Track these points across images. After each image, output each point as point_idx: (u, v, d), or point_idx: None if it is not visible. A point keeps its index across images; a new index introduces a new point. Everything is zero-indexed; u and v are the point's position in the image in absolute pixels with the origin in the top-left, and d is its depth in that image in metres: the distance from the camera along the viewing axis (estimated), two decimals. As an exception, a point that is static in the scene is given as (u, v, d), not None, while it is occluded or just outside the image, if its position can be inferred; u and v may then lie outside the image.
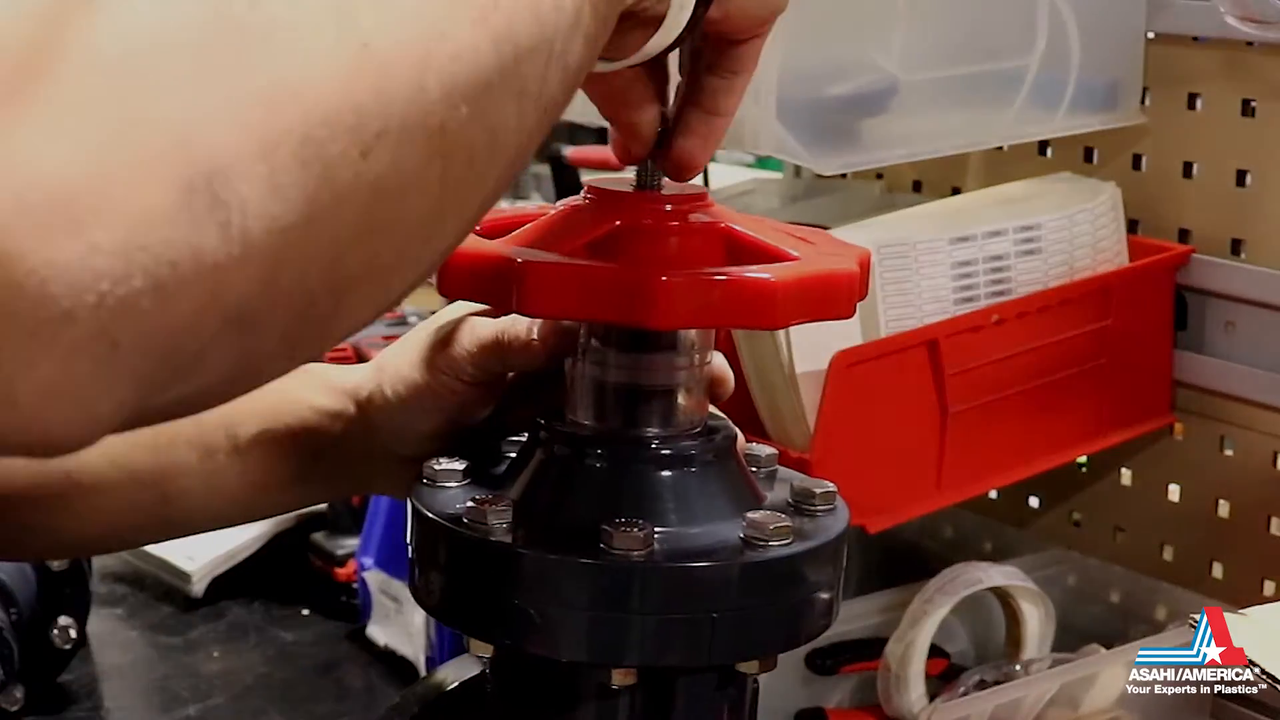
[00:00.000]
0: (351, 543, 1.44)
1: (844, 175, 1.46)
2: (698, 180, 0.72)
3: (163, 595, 1.49)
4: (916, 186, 1.47)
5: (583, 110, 0.64)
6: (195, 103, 0.38)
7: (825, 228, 1.18)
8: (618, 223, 0.64)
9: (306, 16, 0.40)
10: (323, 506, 1.47)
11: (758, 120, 1.09)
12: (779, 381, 1.11)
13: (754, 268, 0.62)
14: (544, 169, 2.06)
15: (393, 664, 1.35)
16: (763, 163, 2.07)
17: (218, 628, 1.43)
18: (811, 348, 1.09)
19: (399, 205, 0.43)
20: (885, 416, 1.14)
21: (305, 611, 1.46)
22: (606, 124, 0.67)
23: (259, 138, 0.38)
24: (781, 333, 1.09)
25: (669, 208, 0.65)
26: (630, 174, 0.67)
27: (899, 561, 1.39)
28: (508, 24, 0.44)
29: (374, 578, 1.37)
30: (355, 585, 1.40)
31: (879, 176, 1.49)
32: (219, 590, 1.48)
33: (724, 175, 2.14)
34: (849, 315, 0.64)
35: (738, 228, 0.66)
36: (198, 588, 1.47)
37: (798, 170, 1.53)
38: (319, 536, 1.48)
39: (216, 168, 0.38)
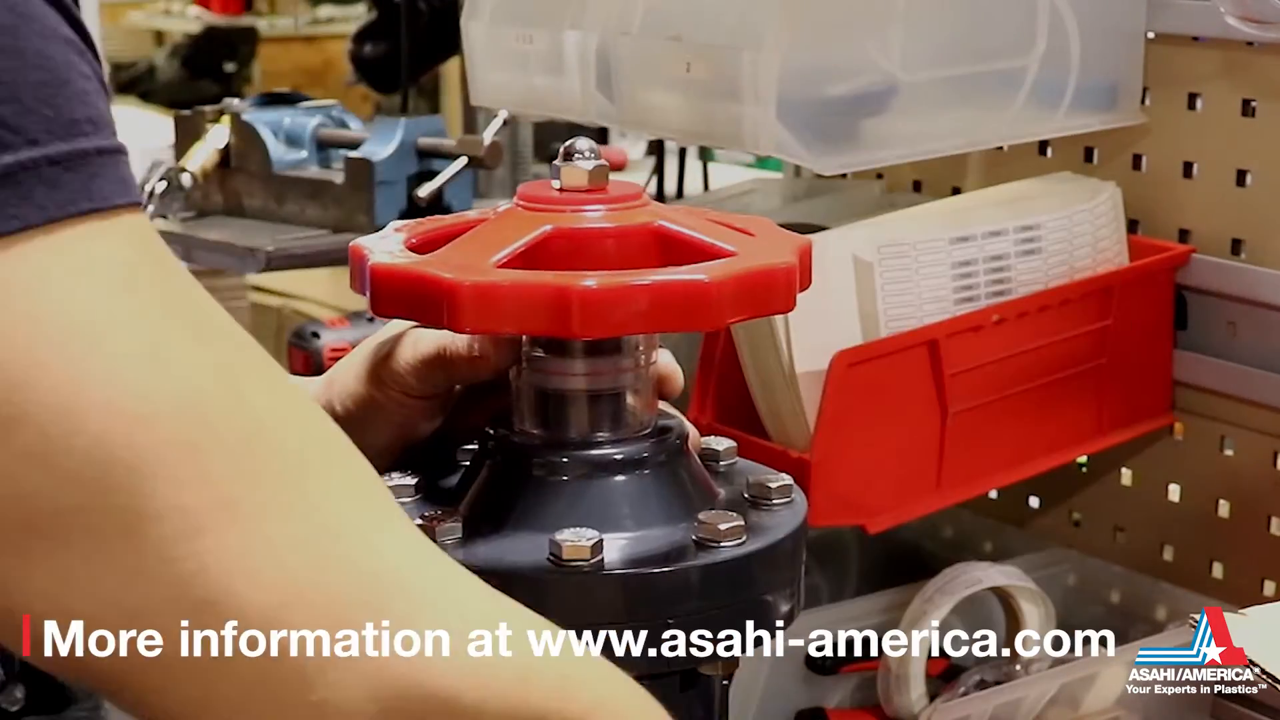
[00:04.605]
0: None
1: (844, 175, 1.46)
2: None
3: (163, 595, 1.48)
4: (916, 186, 1.47)
5: (583, 111, 0.63)
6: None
7: (825, 228, 1.18)
8: (549, 228, 0.64)
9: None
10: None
11: (758, 120, 1.09)
12: (779, 381, 1.11)
13: (686, 269, 0.61)
14: (543, 169, 2.05)
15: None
16: (763, 163, 2.06)
17: (218, 628, 1.43)
18: (811, 348, 1.09)
19: None
20: (885, 416, 1.14)
21: (305, 611, 1.46)
22: (606, 125, 0.67)
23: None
24: (781, 333, 1.09)
25: (601, 210, 0.65)
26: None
27: (899, 561, 1.39)
28: None
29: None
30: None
31: (879, 176, 1.49)
32: (219, 590, 1.48)
33: (724, 175, 2.13)
34: (789, 309, 0.64)
35: (670, 226, 0.65)
36: (198, 588, 1.46)
37: (798, 170, 1.53)
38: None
39: None
